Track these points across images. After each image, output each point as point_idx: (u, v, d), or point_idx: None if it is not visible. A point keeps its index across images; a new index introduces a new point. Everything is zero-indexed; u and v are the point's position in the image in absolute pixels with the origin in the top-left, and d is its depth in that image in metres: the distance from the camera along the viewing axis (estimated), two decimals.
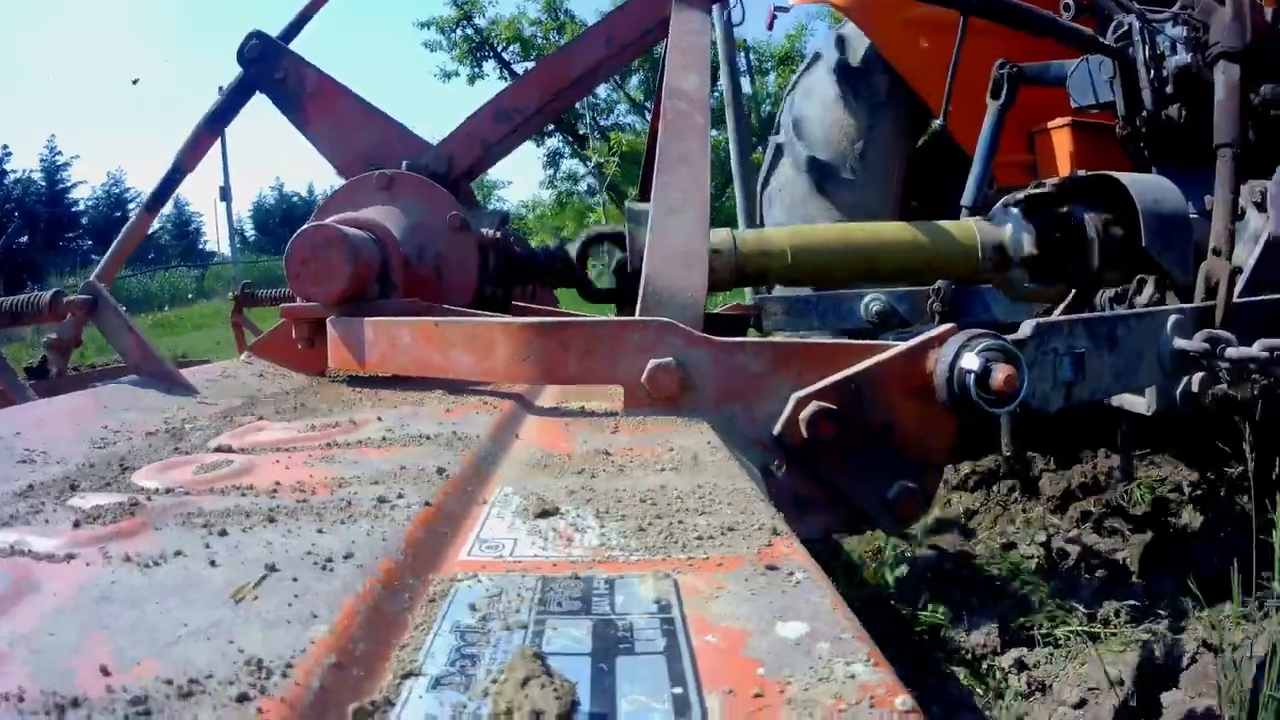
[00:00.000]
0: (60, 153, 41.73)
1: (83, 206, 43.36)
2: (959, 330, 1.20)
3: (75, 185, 42.55)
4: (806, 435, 1.11)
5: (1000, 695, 2.27)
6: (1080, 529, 3.17)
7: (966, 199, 3.14)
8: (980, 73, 3.22)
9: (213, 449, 1.08)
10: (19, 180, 39.65)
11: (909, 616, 2.70)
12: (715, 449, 0.97)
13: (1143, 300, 2.23)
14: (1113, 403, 2.16)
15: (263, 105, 2.10)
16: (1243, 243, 2.29)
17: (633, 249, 1.87)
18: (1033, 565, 2.97)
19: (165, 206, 2.41)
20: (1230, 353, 1.68)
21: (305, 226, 1.61)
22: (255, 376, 1.74)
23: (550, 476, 0.89)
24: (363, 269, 1.61)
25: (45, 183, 41.00)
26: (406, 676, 0.48)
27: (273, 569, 0.60)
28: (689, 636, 0.51)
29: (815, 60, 4.42)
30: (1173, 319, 1.75)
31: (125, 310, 1.66)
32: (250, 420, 1.27)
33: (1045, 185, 2.13)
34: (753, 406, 1.16)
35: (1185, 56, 2.49)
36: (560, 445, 1.04)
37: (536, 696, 0.44)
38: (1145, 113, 2.67)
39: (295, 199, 53.50)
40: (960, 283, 2.97)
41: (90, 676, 0.46)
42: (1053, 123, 3.82)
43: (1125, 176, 2.02)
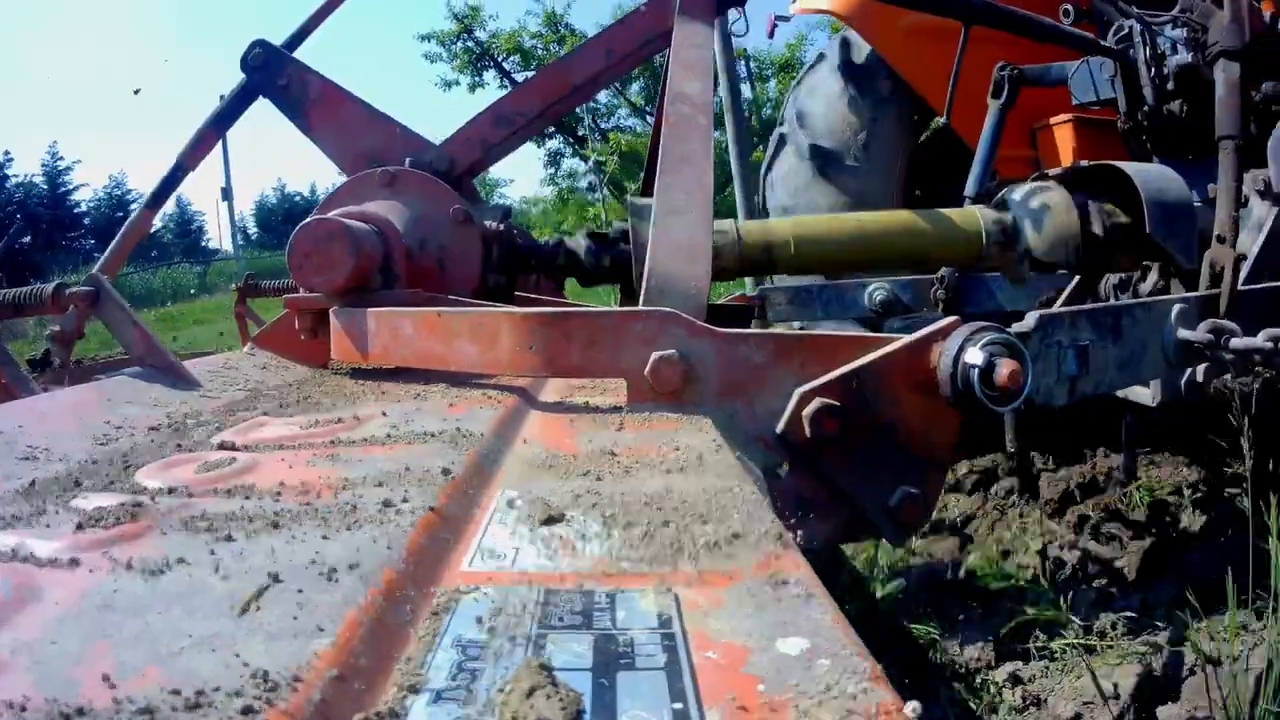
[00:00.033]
0: (62, 158, 41.72)
1: (85, 207, 43.37)
2: (963, 323, 1.19)
3: (77, 188, 42.55)
4: (810, 432, 1.11)
5: (994, 710, 2.26)
6: (1078, 536, 3.13)
7: (969, 191, 3.15)
8: (982, 76, 3.25)
9: (216, 446, 1.08)
10: (21, 184, 39.59)
11: (902, 629, 2.68)
12: (719, 448, 0.97)
13: (1147, 288, 2.22)
14: (1118, 393, 2.15)
15: (265, 109, 2.11)
16: (1246, 230, 2.29)
17: (635, 243, 1.86)
18: (1029, 574, 2.94)
19: (168, 205, 2.42)
20: (1235, 343, 1.68)
21: (308, 219, 1.61)
22: (258, 369, 1.75)
23: (556, 478, 0.89)
24: (365, 261, 1.61)
25: (47, 186, 40.87)
26: (409, 690, 0.48)
27: (276, 579, 0.60)
28: (689, 652, 0.51)
29: (819, 60, 4.43)
30: (1177, 308, 1.74)
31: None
32: (254, 415, 1.27)
33: (1049, 175, 2.12)
34: (754, 401, 1.16)
35: (1186, 56, 2.54)
36: (565, 444, 1.04)
37: (542, 707, 0.44)
38: (1147, 108, 2.72)
39: (297, 198, 53.49)
40: (964, 269, 2.97)
41: (94, 686, 0.46)
42: (1054, 119, 3.83)
43: (1129, 165, 2.01)
